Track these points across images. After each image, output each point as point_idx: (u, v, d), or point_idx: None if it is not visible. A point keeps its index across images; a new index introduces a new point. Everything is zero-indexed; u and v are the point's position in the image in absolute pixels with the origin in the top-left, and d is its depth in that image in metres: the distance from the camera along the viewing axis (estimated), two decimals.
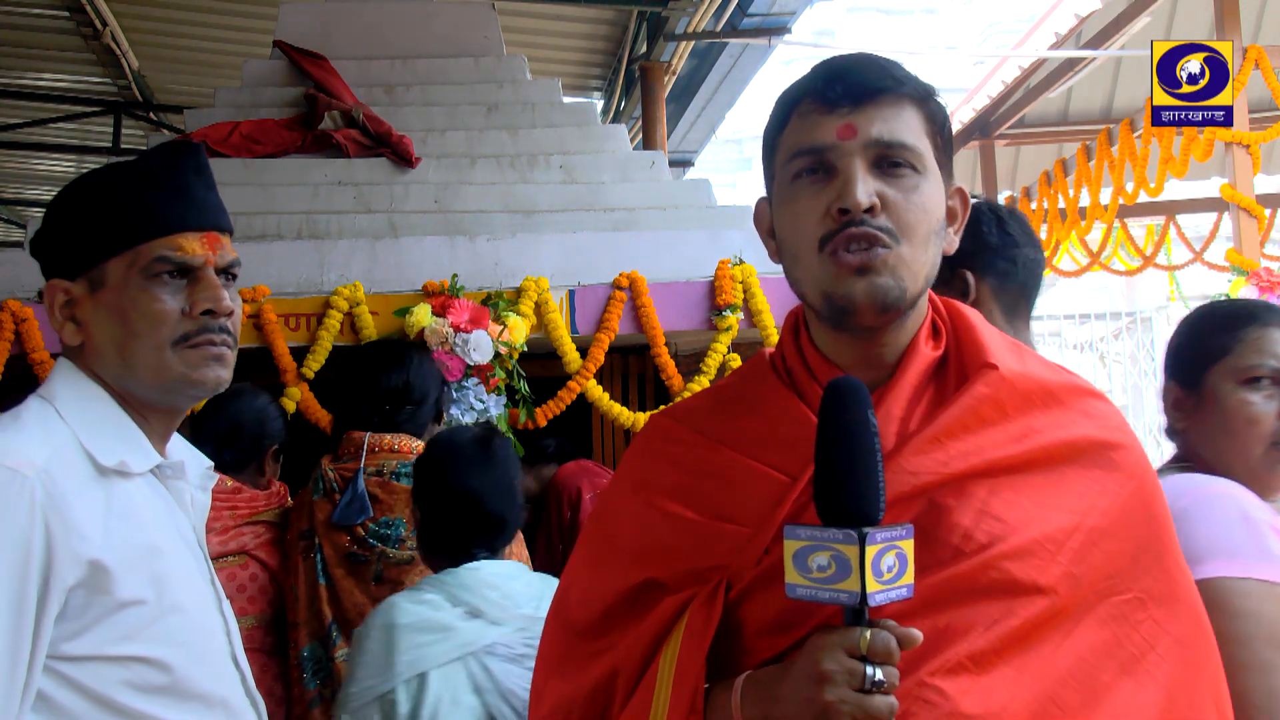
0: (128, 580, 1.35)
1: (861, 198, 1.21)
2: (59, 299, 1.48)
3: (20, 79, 7.92)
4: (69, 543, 1.31)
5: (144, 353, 1.45)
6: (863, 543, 1.06)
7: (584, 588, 1.39)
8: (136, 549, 1.39)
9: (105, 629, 1.33)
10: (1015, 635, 1.17)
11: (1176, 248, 9.61)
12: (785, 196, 1.29)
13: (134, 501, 1.42)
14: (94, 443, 1.41)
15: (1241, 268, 6.25)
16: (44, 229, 1.52)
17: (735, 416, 1.35)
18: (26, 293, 3.62)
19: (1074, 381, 1.34)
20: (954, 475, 1.22)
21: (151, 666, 1.36)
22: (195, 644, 1.44)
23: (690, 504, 1.30)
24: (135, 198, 1.47)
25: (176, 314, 1.45)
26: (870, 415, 1.11)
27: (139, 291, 1.45)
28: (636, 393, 4.24)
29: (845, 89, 1.24)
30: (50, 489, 1.32)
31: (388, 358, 2.87)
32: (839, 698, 1.08)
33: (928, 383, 1.30)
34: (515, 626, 2.11)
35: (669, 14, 6.27)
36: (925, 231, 1.25)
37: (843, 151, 1.23)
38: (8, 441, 1.35)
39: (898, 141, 1.24)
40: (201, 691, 1.42)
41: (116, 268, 1.45)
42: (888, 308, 1.23)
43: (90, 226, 1.47)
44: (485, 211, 4.21)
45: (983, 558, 1.19)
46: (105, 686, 1.33)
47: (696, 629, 1.23)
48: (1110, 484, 1.26)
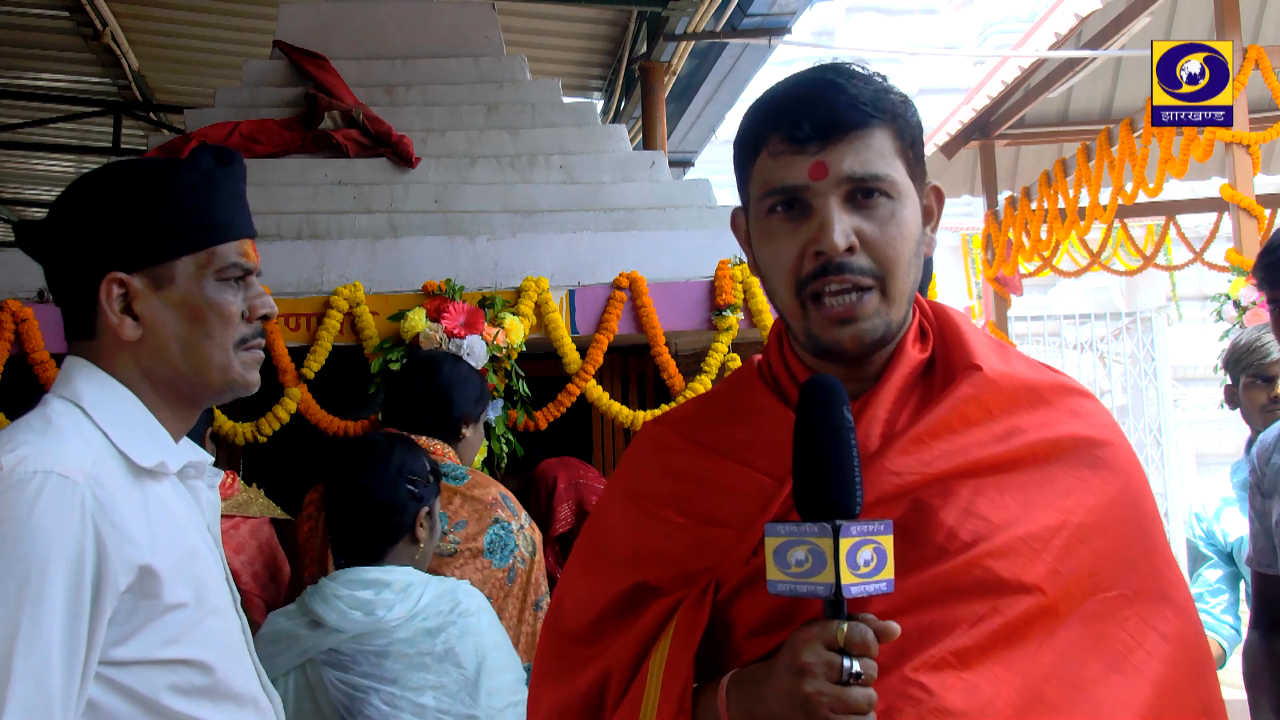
0: (173, 583, 1.36)
1: (839, 240, 1.21)
2: (115, 291, 1.44)
3: (20, 79, 7.91)
4: (120, 549, 1.31)
5: (214, 353, 1.47)
6: (837, 535, 1.08)
7: (578, 595, 1.40)
8: (178, 551, 1.39)
9: (152, 633, 1.34)
10: (1000, 632, 1.18)
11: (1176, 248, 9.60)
12: (762, 229, 1.30)
13: (168, 503, 1.43)
14: (130, 444, 1.40)
15: (1241, 268, 6.23)
16: (90, 219, 1.46)
17: (724, 423, 1.37)
18: (26, 293, 3.62)
19: (1060, 380, 1.35)
20: (938, 475, 1.23)
21: (194, 669, 1.37)
22: (230, 644, 1.46)
23: (681, 509, 1.32)
24: (211, 200, 1.48)
25: (238, 317, 1.49)
26: (846, 411, 1.13)
27: (215, 293, 1.47)
28: (636, 393, 4.24)
29: (814, 127, 1.23)
30: (99, 495, 1.31)
31: (423, 366, 2.97)
32: (818, 689, 1.09)
33: (914, 385, 1.31)
34: (353, 634, 2.18)
35: (669, 14, 6.26)
36: (907, 257, 1.26)
37: (816, 191, 1.23)
38: (49, 448, 1.33)
39: (870, 174, 1.24)
40: (236, 691, 1.43)
41: (187, 266, 1.46)
42: (875, 346, 1.27)
43: (161, 223, 1.45)
44: (485, 211, 4.21)
45: (967, 556, 1.20)
46: (151, 690, 1.33)
47: (685, 630, 1.24)
48: (1096, 481, 1.27)
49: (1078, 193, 8.37)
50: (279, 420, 3.69)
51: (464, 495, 2.71)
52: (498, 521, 2.69)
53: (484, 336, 3.58)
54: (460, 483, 2.73)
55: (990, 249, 9.78)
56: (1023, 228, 9.20)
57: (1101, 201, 8.16)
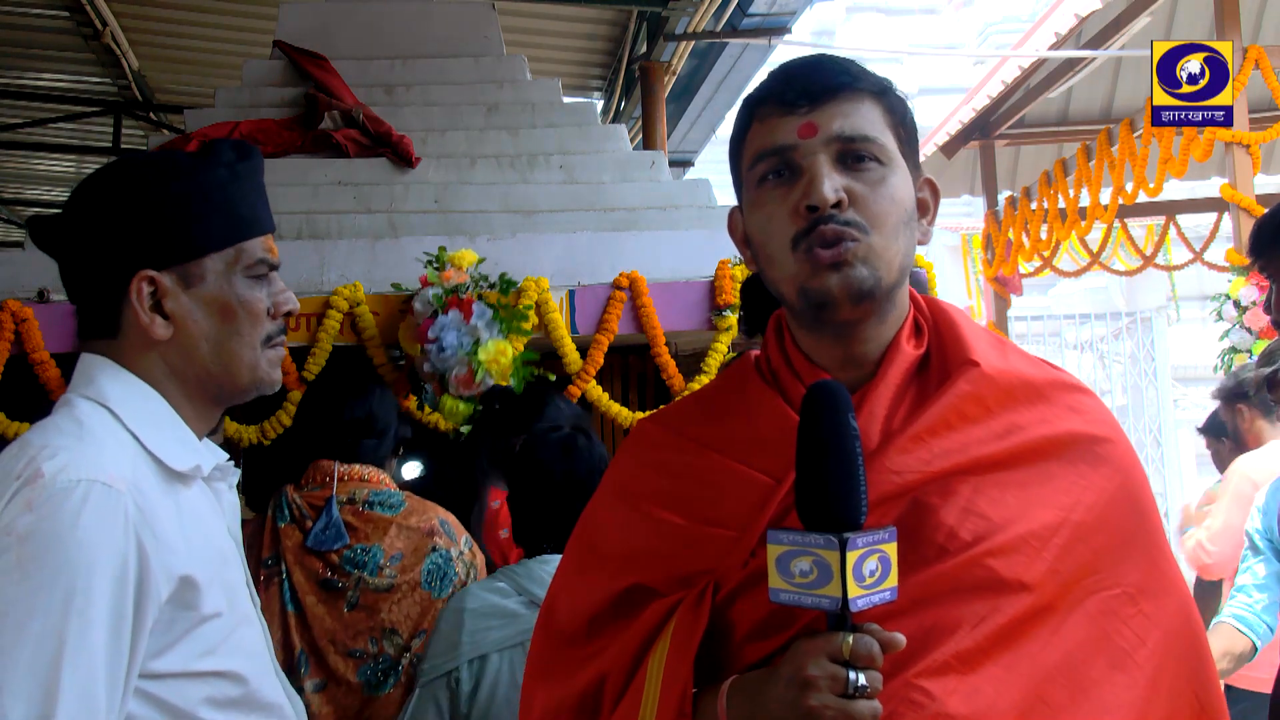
0: (210, 592, 1.33)
1: (828, 193, 1.21)
2: (145, 289, 1.40)
3: (20, 79, 7.91)
4: (161, 558, 1.28)
5: (244, 350, 1.44)
6: (843, 548, 1.06)
7: (571, 595, 1.39)
8: (212, 558, 1.37)
9: (190, 644, 1.31)
10: (1002, 633, 1.17)
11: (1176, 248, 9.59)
12: (754, 201, 1.29)
13: (198, 508, 1.40)
14: (161, 447, 1.37)
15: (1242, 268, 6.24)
16: (117, 216, 1.41)
17: (720, 420, 1.35)
18: (26, 293, 3.62)
19: (1058, 376, 1.34)
20: (938, 473, 1.22)
21: (229, 680, 1.35)
22: (258, 652, 1.43)
23: (676, 509, 1.30)
24: (239, 196, 1.46)
25: (266, 314, 1.47)
26: (851, 419, 1.11)
27: (245, 290, 1.44)
28: (636, 393, 4.24)
29: (803, 88, 1.25)
30: (140, 502, 1.28)
31: (350, 390, 2.86)
32: (823, 703, 1.08)
33: (910, 381, 1.29)
34: None
35: (669, 14, 6.27)
36: (895, 221, 1.25)
37: (806, 150, 1.24)
38: (89, 454, 1.28)
39: (860, 135, 1.24)
40: (266, 700, 1.41)
41: (216, 263, 1.43)
42: (863, 297, 1.23)
43: (191, 219, 1.42)
44: (485, 211, 4.21)
45: (968, 555, 1.19)
46: (188, 703, 1.31)
47: (684, 633, 1.23)
48: (1096, 478, 1.26)
49: (1078, 193, 8.37)
50: (281, 425, 3.68)
51: (400, 525, 2.64)
52: (435, 550, 2.63)
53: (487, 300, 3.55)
54: (395, 512, 2.66)
55: (990, 249, 9.79)
56: (1023, 228, 9.20)
57: (1101, 201, 8.16)
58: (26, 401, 3.59)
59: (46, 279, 3.64)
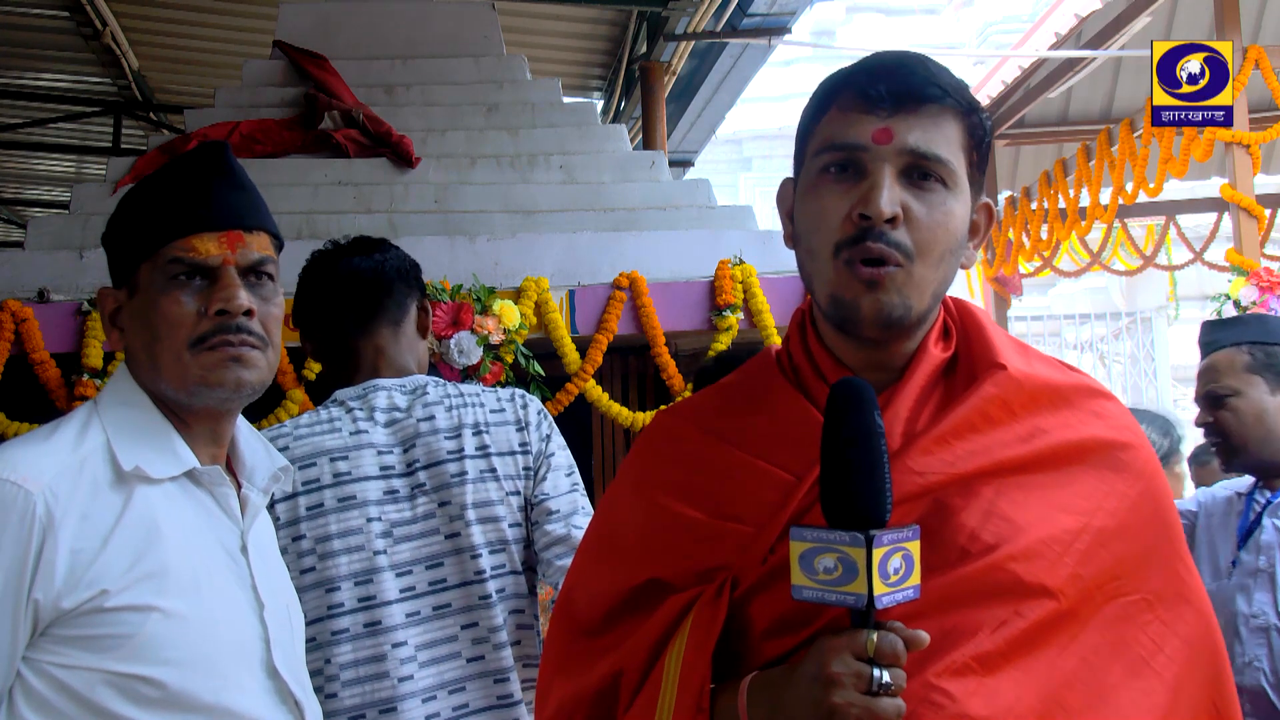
0: (123, 596, 1.34)
1: (885, 206, 1.19)
2: (108, 306, 1.50)
3: (20, 79, 7.91)
4: (65, 559, 1.31)
5: (165, 356, 1.44)
6: (869, 545, 1.05)
7: (588, 586, 1.38)
8: (143, 560, 1.37)
9: (96, 643, 1.33)
10: (1022, 637, 1.16)
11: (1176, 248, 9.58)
12: (810, 187, 1.26)
13: (155, 509, 1.40)
14: (121, 447, 1.41)
15: (1241, 268, 6.24)
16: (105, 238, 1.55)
17: (740, 415, 1.34)
18: (26, 293, 3.62)
19: (1083, 381, 1.33)
20: (961, 475, 1.21)
21: (143, 683, 1.35)
22: (205, 655, 1.40)
23: (695, 503, 1.29)
24: (158, 202, 1.48)
25: (193, 316, 1.44)
26: (876, 417, 1.10)
27: (159, 295, 1.44)
28: (636, 393, 4.24)
29: (889, 89, 1.22)
30: (52, 505, 1.32)
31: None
32: (846, 700, 1.07)
33: (936, 383, 1.29)
34: None
35: (669, 14, 6.27)
36: (941, 250, 1.23)
37: (875, 155, 1.21)
38: (19, 454, 1.37)
39: (932, 154, 1.21)
40: (206, 704, 1.38)
41: (145, 273, 1.46)
42: (891, 325, 1.22)
43: (124, 234, 1.49)
44: (485, 211, 4.21)
45: (990, 559, 1.18)
46: (94, 693, 1.33)
47: (702, 628, 1.22)
48: (1119, 484, 1.26)
49: (1078, 193, 8.37)
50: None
51: None
52: None
53: (474, 329, 3.56)
54: None
55: (990, 249, 9.78)
56: (1023, 228, 9.20)
57: (1101, 201, 8.16)
58: (26, 401, 3.59)
59: (46, 279, 3.64)
